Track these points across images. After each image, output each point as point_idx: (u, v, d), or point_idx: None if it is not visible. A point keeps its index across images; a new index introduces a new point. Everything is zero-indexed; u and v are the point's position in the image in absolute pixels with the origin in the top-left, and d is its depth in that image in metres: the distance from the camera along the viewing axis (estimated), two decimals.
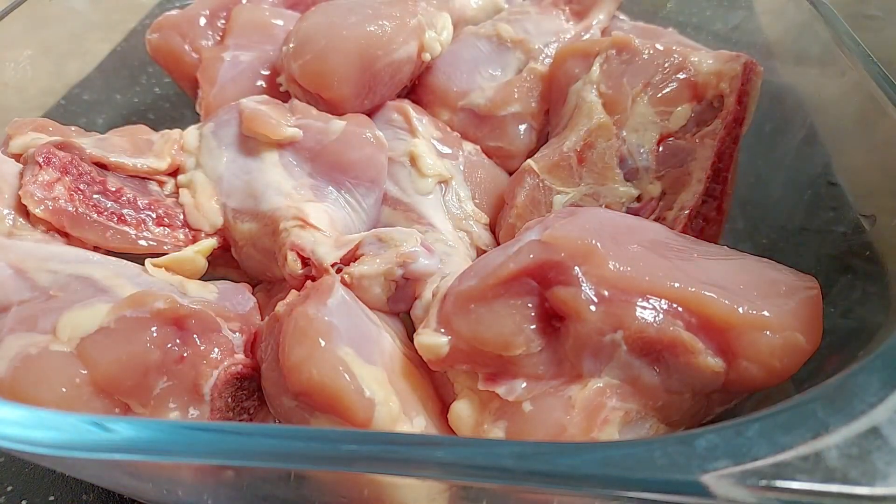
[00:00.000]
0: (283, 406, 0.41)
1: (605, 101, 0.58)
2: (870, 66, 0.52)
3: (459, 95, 0.66)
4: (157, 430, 0.31)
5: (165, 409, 0.41)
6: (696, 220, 0.53)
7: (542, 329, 0.41)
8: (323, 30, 0.61)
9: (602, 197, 0.56)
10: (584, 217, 0.44)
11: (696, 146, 0.55)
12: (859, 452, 0.29)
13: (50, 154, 0.51)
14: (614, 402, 0.38)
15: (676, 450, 0.29)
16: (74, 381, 0.39)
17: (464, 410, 0.42)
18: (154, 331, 0.41)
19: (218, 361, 0.43)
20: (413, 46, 0.62)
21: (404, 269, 0.49)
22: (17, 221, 0.49)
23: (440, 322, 0.42)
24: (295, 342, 0.40)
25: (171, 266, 0.50)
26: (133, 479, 0.41)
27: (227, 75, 0.67)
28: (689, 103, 0.56)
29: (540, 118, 0.65)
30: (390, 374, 0.42)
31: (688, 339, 0.38)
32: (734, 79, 0.55)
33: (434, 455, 0.30)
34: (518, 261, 0.41)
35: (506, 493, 0.35)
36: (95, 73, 0.81)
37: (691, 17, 0.82)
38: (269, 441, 0.31)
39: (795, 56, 0.65)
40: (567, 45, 0.65)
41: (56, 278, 0.45)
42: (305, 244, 0.49)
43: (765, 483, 0.28)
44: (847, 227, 0.51)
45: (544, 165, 0.58)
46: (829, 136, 0.58)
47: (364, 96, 0.62)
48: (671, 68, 0.57)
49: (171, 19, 0.72)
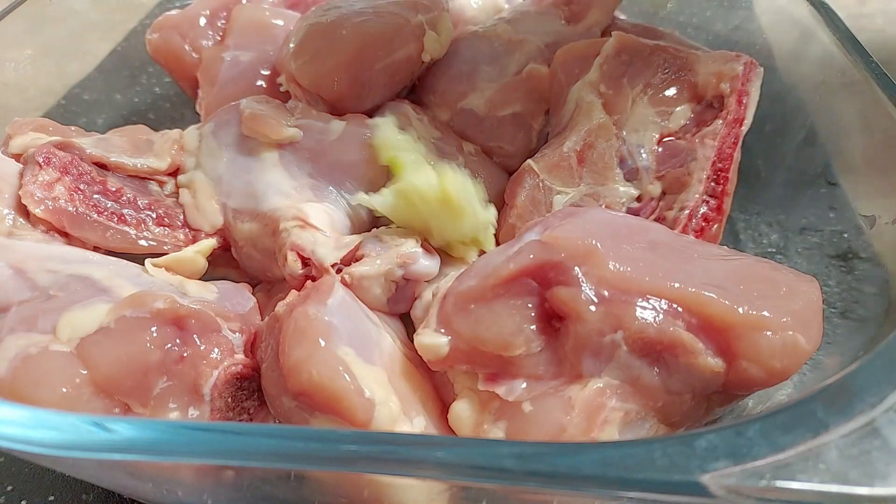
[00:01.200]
0: (283, 406, 0.41)
1: (604, 102, 0.58)
2: (870, 66, 0.52)
3: (459, 95, 0.66)
4: (157, 431, 0.31)
5: (165, 409, 0.41)
6: (697, 220, 0.53)
7: (542, 329, 0.41)
8: (323, 30, 0.61)
9: (602, 197, 0.56)
10: (585, 217, 0.44)
11: (697, 146, 0.54)
12: (859, 453, 0.29)
13: (50, 154, 0.51)
14: (614, 403, 0.38)
15: (676, 450, 0.29)
16: (74, 381, 0.39)
17: (464, 411, 0.42)
18: (154, 331, 0.41)
19: (218, 361, 0.43)
20: (413, 47, 0.62)
21: (404, 269, 0.49)
22: (17, 221, 0.49)
23: (440, 322, 0.42)
24: (295, 342, 0.40)
25: (171, 266, 0.50)
26: (133, 480, 0.41)
27: (228, 75, 0.67)
28: (690, 103, 0.56)
29: (540, 118, 0.65)
30: (390, 374, 0.42)
31: (688, 339, 0.38)
32: (734, 79, 0.55)
33: (434, 455, 0.30)
34: (518, 261, 0.41)
35: (506, 494, 0.35)
36: (95, 73, 0.81)
37: (691, 18, 0.82)
38: (269, 441, 0.31)
39: (795, 56, 0.65)
40: (567, 46, 0.65)
41: (56, 278, 0.45)
42: (305, 244, 0.49)
43: (765, 483, 0.28)
44: (847, 227, 0.52)
45: (544, 165, 0.58)
46: (829, 137, 0.58)
47: (364, 96, 0.62)
48: (671, 68, 0.57)
49: (172, 19, 0.72)
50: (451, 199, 0.49)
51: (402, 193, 0.49)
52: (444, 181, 0.49)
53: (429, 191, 0.49)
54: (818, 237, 0.55)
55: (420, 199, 0.49)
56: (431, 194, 0.49)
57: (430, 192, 0.49)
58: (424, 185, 0.49)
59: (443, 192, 0.49)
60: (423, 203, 0.49)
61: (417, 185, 0.49)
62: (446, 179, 0.49)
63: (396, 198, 0.50)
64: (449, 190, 0.49)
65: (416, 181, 0.49)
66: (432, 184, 0.49)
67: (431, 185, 0.49)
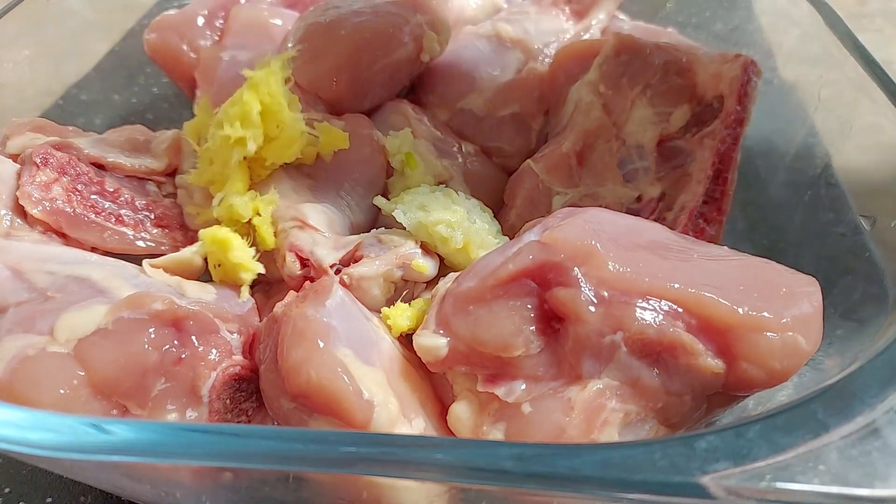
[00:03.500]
0: (282, 408, 0.41)
1: (604, 102, 0.58)
2: (870, 65, 0.52)
3: (459, 95, 0.66)
4: (155, 432, 0.31)
5: (163, 410, 0.41)
6: (696, 220, 0.53)
7: (542, 330, 0.40)
8: (322, 30, 0.61)
9: (602, 198, 0.56)
10: (584, 218, 0.44)
11: (696, 147, 0.54)
12: (859, 454, 0.29)
13: (47, 154, 0.51)
14: (614, 404, 0.38)
15: (676, 451, 0.29)
16: (72, 382, 0.39)
17: (463, 412, 0.41)
18: (152, 332, 0.41)
19: (216, 363, 0.43)
20: (412, 46, 0.62)
21: (403, 270, 0.49)
22: (15, 222, 0.49)
23: (439, 323, 0.42)
24: (293, 343, 0.40)
25: (169, 267, 0.50)
26: (131, 481, 0.41)
27: (226, 75, 0.67)
28: (689, 104, 0.56)
29: (539, 118, 0.65)
30: (389, 375, 0.42)
31: (688, 340, 0.38)
32: (734, 79, 0.55)
33: (433, 457, 0.30)
34: (517, 262, 0.41)
35: (505, 496, 0.35)
36: (93, 73, 0.81)
37: (691, 18, 0.82)
38: (267, 443, 0.31)
39: (795, 56, 0.65)
40: (567, 46, 0.65)
41: (54, 279, 0.45)
42: (304, 245, 0.49)
43: (765, 485, 0.28)
44: (847, 227, 0.52)
45: (544, 166, 0.58)
46: (828, 137, 0.58)
47: (363, 96, 0.62)
48: (671, 69, 0.57)
49: (170, 19, 0.72)
50: (470, 250, 0.50)
51: (425, 227, 0.50)
52: (468, 239, 0.50)
53: (452, 243, 0.49)
54: (818, 238, 0.54)
55: (441, 241, 0.50)
56: (453, 245, 0.49)
57: (453, 244, 0.49)
58: (448, 236, 0.49)
59: (465, 246, 0.50)
60: (442, 243, 0.50)
61: (443, 234, 0.49)
62: (470, 238, 0.50)
63: (419, 226, 0.50)
64: (471, 245, 0.50)
65: (443, 230, 0.49)
66: (457, 240, 0.49)
67: (455, 241, 0.49)
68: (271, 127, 0.50)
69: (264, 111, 0.49)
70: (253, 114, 0.48)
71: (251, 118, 0.48)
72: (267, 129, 0.49)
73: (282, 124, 0.50)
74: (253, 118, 0.48)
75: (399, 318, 0.46)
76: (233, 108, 0.49)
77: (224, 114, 0.49)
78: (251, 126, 0.48)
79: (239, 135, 0.48)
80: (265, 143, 0.50)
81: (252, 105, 0.48)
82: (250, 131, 0.48)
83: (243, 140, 0.49)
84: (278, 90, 0.49)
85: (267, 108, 0.49)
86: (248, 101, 0.48)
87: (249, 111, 0.48)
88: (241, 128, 0.48)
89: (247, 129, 0.48)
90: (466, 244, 0.50)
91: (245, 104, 0.48)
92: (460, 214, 0.50)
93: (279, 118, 0.50)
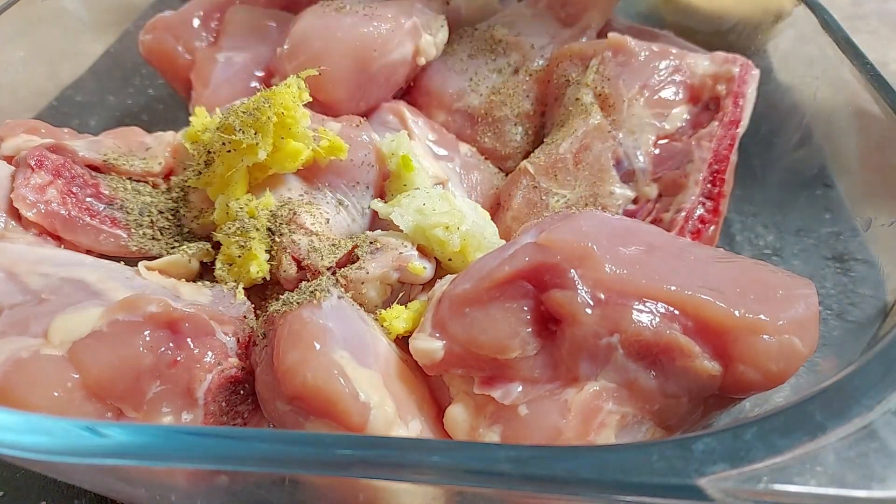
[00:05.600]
0: (278, 410, 0.41)
1: (601, 103, 0.58)
2: (866, 67, 0.52)
3: (455, 97, 0.66)
4: (150, 435, 0.31)
5: (158, 413, 0.41)
6: (693, 222, 0.53)
7: (538, 332, 0.40)
8: (318, 31, 0.60)
9: (598, 199, 0.56)
10: (581, 219, 0.44)
11: (693, 148, 0.54)
12: (856, 455, 0.29)
13: (42, 157, 0.51)
14: (610, 406, 0.38)
15: (673, 453, 0.29)
16: (66, 385, 0.39)
17: (459, 414, 0.41)
18: (147, 334, 0.41)
19: (212, 365, 0.43)
20: (408, 48, 0.62)
21: (400, 272, 0.49)
22: (9, 224, 0.49)
23: (435, 326, 0.42)
24: (289, 346, 0.40)
25: (165, 269, 0.50)
26: (126, 484, 0.41)
27: (221, 76, 0.66)
28: (686, 105, 0.56)
29: (536, 120, 0.65)
30: (386, 377, 0.42)
31: (684, 342, 0.38)
32: (730, 81, 0.55)
33: (430, 460, 0.30)
34: (513, 264, 0.41)
35: (502, 498, 0.35)
36: (88, 74, 0.81)
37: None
38: (263, 446, 0.31)
39: (791, 58, 0.65)
40: (563, 47, 0.65)
41: (48, 282, 0.44)
42: (301, 247, 0.49)
43: (762, 486, 0.28)
44: (843, 229, 0.52)
45: (540, 167, 0.58)
46: (824, 139, 0.58)
47: (359, 98, 0.62)
48: (667, 70, 0.57)
49: (165, 20, 0.72)
50: (467, 252, 0.50)
51: (422, 230, 0.50)
52: (465, 242, 0.50)
53: (449, 245, 0.50)
54: (814, 239, 0.55)
55: (438, 244, 0.50)
56: (450, 248, 0.50)
57: (450, 247, 0.50)
58: (446, 239, 0.49)
59: (462, 248, 0.50)
60: (439, 246, 0.50)
61: (441, 237, 0.49)
62: (468, 241, 0.50)
63: (416, 229, 0.50)
64: (468, 247, 0.50)
65: (440, 233, 0.49)
66: (454, 243, 0.49)
67: (453, 243, 0.49)
68: (278, 138, 0.50)
69: (278, 123, 0.50)
70: (269, 125, 0.49)
71: (266, 128, 0.49)
72: (275, 139, 0.50)
73: (291, 137, 0.51)
74: (268, 128, 0.49)
75: (395, 321, 0.46)
76: (248, 116, 0.49)
77: (236, 119, 0.49)
78: (266, 135, 0.49)
79: (252, 142, 0.49)
80: (272, 153, 0.51)
81: (269, 115, 0.49)
82: (263, 140, 0.49)
83: (254, 148, 0.49)
84: (293, 106, 0.50)
85: (282, 121, 0.50)
86: (264, 111, 0.49)
87: (266, 122, 0.49)
88: (254, 136, 0.49)
89: (261, 138, 0.49)
90: (464, 247, 0.50)
91: (262, 113, 0.49)
92: (457, 217, 0.50)
93: (292, 132, 0.51)
